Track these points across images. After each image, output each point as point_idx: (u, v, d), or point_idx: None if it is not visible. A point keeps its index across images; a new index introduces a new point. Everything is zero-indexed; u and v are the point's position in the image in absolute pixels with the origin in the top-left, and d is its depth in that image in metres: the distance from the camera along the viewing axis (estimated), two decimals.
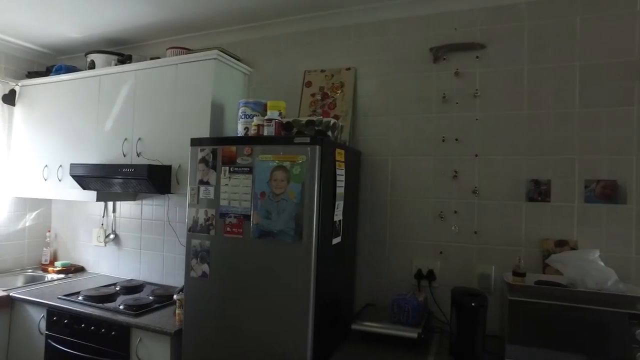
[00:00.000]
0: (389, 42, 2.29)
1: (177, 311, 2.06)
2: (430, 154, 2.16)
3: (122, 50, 2.94)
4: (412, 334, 1.77)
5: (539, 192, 1.97)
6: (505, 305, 1.73)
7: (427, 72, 2.19)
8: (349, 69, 2.35)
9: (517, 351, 1.66)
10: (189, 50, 2.54)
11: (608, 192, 1.87)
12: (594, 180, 1.89)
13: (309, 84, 2.41)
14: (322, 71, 2.41)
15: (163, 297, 2.40)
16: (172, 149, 2.37)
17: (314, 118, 1.89)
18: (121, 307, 2.23)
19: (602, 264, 1.70)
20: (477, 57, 2.10)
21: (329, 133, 1.86)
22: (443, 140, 2.14)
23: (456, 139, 2.11)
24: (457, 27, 2.15)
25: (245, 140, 1.85)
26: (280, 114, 1.97)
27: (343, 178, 1.90)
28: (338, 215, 1.86)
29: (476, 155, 2.08)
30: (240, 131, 2.11)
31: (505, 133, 2.04)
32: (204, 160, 1.90)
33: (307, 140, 1.67)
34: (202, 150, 1.90)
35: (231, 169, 1.83)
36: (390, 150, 2.24)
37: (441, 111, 2.15)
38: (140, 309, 2.19)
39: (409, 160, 2.20)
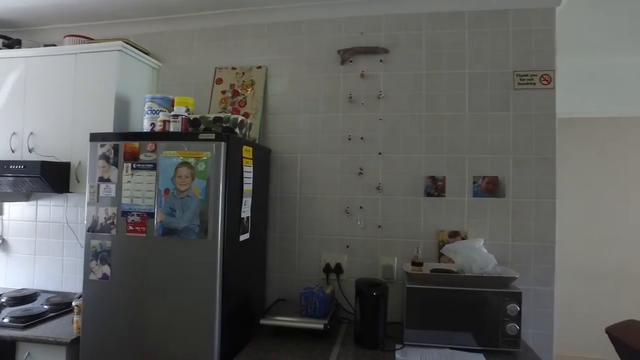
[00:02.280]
0: (300, 42, 2.35)
1: (75, 318, 1.92)
2: (337, 152, 2.25)
3: (7, 33, 2.66)
4: (319, 325, 1.83)
5: (435, 187, 2.15)
6: (404, 292, 1.86)
7: (335, 73, 2.28)
8: (260, 67, 2.36)
9: (414, 334, 1.80)
10: (90, 40, 2.38)
11: (491, 187, 2.10)
12: (480, 177, 2.11)
13: (219, 81, 2.39)
14: (233, 68, 2.39)
15: (61, 305, 2.22)
16: (72, 144, 2.21)
17: (221, 115, 1.88)
18: (5, 320, 1.99)
19: (485, 251, 1.91)
20: (381, 60, 2.23)
21: (237, 130, 1.87)
22: (349, 139, 2.24)
23: (361, 138, 2.23)
24: (364, 32, 2.27)
25: (148, 135, 1.78)
26: (187, 110, 1.93)
27: (251, 175, 1.91)
28: (246, 212, 1.87)
29: (380, 154, 2.21)
30: (146, 127, 2.03)
31: (406, 133, 2.19)
32: (104, 157, 1.80)
33: (212, 136, 1.66)
34: (102, 146, 1.80)
35: (134, 166, 1.75)
36: (300, 148, 2.30)
37: (348, 111, 2.25)
38: (30, 320, 1.99)
39: (317, 158, 2.27)
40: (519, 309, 1.73)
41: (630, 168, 4.09)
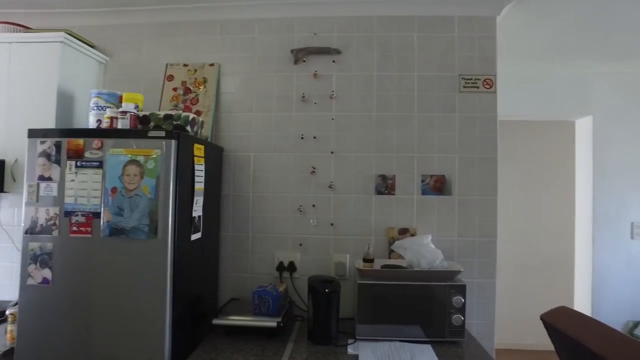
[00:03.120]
0: (254, 40, 2.34)
1: (9, 328, 1.79)
2: (290, 150, 2.26)
3: None
4: (272, 323, 1.83)
5: (385, 186, 2.22)
6: (356, 289, 1.90)
7: (288, 72, 2.29)
8: (212, 64, 2.33)
9: (366, 329, 1.85)
10: (27, 29, 2.24)
11: (438, 185, 2.20)
12: (428, 175, 2.21)
13: (170, 78, 2.33)
14: (185, 65, 2.34)
15: None
16: (7, 141, 2.06)
17: (172, 112, 1.83)
18: None
19: (433, 246, 2.00)
20: (333, 61, 2.27)
21: (188, 128, 1.83)
22: (302, 138, 2.26)
23: (314, 137, 2.26)
24: (317, 32, 2.29)
25: (94, 132, 1.71)
26: (136, 107, 1.87)
27: (202, 173, 1.88)
28: (197, 211, 1.84)
29: (332, 153, 2.25)
30: (92, 123, 1.94)
31: (357, 132, 2.25)
32: (45, 154, 1.70)
33: (163, 134, 1.62)
34: (42, 142, 1.71)
35: (78, 164, 1.67)
36: (253, 146, 2.29)
37: (300, 110, 2.27)
38: None
39: (270, 157, 2.27)
40: (463, 300, 1.83)
41: (560, 168, 4.41)
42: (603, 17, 2.41)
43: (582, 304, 3.43)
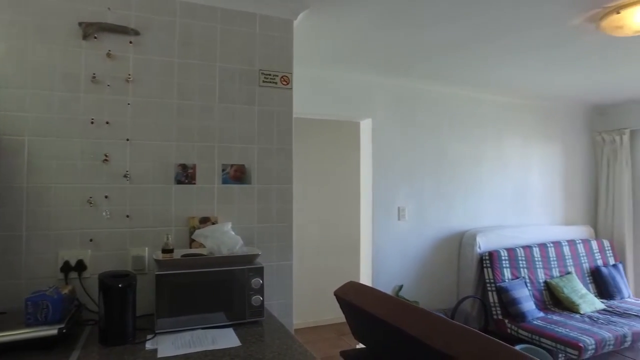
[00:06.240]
0: (28, 3, 1.97)
1: None
2: (77, 136, 2.01)
3: None
4: (52, 331, 1.60)
5: (186, 175, 2.20)
6: (154, 281, 1.84)
7: (75, 48, 2.03)
8: None
9: (167, 322, 1.81)
10: None
11: (239, 175, 2.30)
12: (229, 165, 2.28)
13: None
14: None
15: None
16: None
17: None
18: None
19: (233, 233, 2.08)
20: (130, 42, 2.11)
21: None
22: (92, 123, 2.04)
23: (107, 122, 2.06)
24: (111, 7, 2.09)
25: None
26: None
27: None
28: None
29: (128, 140, 2.10)
30: None
31: (156, 119, 2.15)
32: None
33: None
34: None
35: None
36: (28, 130, 1.94)
37: (91, 92, 2.04)
38: None
39: (52, 143, 1.98)
40: (261, 281, 1.96)
41: (350, 162, 5.12)
42: (378, 36, 2.89)
43: (366, 276, 4.05)
